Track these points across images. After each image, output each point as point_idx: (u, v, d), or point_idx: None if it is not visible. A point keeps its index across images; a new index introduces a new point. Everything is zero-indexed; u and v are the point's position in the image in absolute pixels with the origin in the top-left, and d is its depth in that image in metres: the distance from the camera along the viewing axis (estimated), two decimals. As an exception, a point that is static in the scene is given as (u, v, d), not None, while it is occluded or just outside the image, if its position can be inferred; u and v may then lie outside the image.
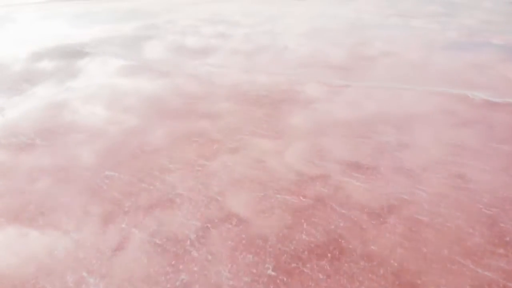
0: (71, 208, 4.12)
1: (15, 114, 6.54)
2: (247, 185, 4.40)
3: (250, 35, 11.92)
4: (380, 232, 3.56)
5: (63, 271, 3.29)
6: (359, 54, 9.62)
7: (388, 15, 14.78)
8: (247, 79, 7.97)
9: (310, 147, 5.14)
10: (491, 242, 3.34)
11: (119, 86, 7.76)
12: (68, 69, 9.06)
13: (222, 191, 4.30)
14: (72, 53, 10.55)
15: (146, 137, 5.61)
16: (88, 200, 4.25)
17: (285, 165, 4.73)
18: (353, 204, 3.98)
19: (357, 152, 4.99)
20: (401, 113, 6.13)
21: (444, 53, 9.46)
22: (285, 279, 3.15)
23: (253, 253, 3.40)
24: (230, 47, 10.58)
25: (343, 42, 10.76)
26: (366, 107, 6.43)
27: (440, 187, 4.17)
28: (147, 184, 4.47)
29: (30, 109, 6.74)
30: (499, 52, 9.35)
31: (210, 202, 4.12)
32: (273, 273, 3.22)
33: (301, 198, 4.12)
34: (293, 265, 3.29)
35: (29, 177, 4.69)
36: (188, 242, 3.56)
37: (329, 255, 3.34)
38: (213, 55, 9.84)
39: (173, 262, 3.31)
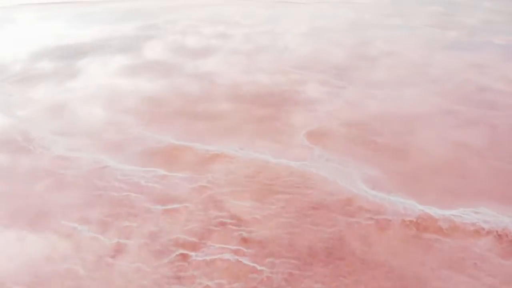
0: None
1: (14, 114, 6.52)
2: (248, 185, 4.40)
3: (250, 35, 11.90)
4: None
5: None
6: (361, 54, 9.59)
7: (388, 15, 14.76)
8: (247, 80, 7.96)
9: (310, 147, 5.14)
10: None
11: (119, 86, 7.74)
12: (68, 69, 9.04)
13: (222, 192, 4.31)
14: (72, 53, 10.52)
15: (146, 137, 5.60)
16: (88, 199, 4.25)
17: (286, 166, 4.73)
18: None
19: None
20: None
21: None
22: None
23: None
24: (230, 47, 10.57)
25: (344, 43, 10.73)
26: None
27: None
28: (147, 186, 4.47)
29: (29, 109, 6.71)
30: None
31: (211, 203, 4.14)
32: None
33: (303, 197, 4.13)
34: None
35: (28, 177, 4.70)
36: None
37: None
38: (213, 55, 9.83)
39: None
